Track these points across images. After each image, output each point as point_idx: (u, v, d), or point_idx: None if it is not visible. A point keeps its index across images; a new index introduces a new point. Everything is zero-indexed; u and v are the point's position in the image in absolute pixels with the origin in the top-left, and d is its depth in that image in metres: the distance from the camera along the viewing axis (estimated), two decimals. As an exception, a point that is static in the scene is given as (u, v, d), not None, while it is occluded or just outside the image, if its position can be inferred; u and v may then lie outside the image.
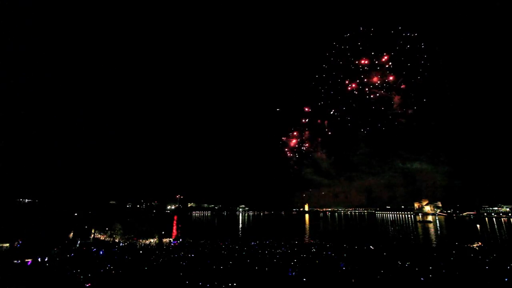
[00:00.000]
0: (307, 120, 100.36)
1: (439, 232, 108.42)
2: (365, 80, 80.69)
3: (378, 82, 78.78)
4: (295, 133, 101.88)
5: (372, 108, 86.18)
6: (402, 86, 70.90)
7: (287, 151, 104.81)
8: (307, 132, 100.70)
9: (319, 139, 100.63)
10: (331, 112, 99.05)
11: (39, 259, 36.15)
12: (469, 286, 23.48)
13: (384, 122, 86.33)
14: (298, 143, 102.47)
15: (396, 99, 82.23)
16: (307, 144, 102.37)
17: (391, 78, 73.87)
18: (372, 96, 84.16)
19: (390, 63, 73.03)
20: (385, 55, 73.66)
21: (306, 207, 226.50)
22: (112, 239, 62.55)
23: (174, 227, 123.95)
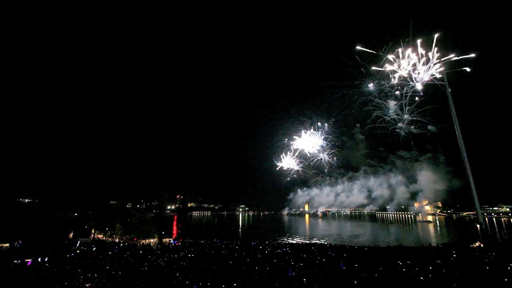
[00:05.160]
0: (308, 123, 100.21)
1: (439, 232, 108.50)
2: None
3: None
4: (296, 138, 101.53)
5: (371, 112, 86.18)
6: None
7: (289, 152, 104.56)
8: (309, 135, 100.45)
9: (321, 141, 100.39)
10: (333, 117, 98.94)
11: (39, 259, 36.15)
12: (469, 286, 23.46)
13: (383, 126, 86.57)
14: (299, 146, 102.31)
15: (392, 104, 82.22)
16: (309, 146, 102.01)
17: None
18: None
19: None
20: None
21: (306, 207, 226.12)
22: (112, 239, 62.64)
23: (174, 227, 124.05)
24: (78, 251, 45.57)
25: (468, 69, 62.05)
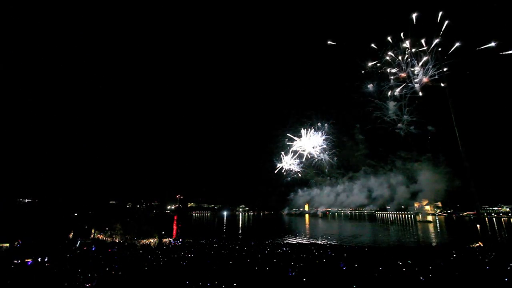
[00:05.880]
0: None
1: (439, 232, 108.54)
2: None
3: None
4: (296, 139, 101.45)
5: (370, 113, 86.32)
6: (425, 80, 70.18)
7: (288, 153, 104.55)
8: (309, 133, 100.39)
9: (321, 141, 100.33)
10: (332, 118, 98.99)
11: (39, 259, 36.14)
12: (469, 286, 23.47)
13: (382, 127, 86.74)
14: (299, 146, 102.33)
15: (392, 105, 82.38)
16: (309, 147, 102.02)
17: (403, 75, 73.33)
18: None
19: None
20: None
21: (306, 207, 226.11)
22: (112, 239, 62.62)
23: (174, 227, 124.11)
24: (78, 251, 45.57)
25: (467, 72, 61.94)
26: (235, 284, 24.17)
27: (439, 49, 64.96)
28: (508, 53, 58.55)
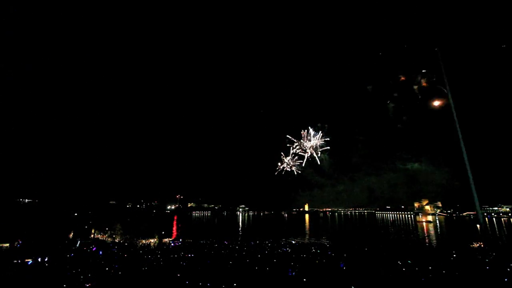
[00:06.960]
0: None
1: (439, 232, 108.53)
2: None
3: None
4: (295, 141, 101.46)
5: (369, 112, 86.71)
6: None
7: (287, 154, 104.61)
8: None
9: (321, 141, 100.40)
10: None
11: (39, 259, 36.13)
12: (469, 286, 23.46)
13: (382, 127, 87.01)
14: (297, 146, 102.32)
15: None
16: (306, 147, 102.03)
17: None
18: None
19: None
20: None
21: (306, 207, 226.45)
22: (112, 239, 62.65)
23: (174, 227, 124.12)
24: (78, 251, 45.57)
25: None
26: (235, 284, 24.15)
27: (439, 48, 64.99)
28: None
